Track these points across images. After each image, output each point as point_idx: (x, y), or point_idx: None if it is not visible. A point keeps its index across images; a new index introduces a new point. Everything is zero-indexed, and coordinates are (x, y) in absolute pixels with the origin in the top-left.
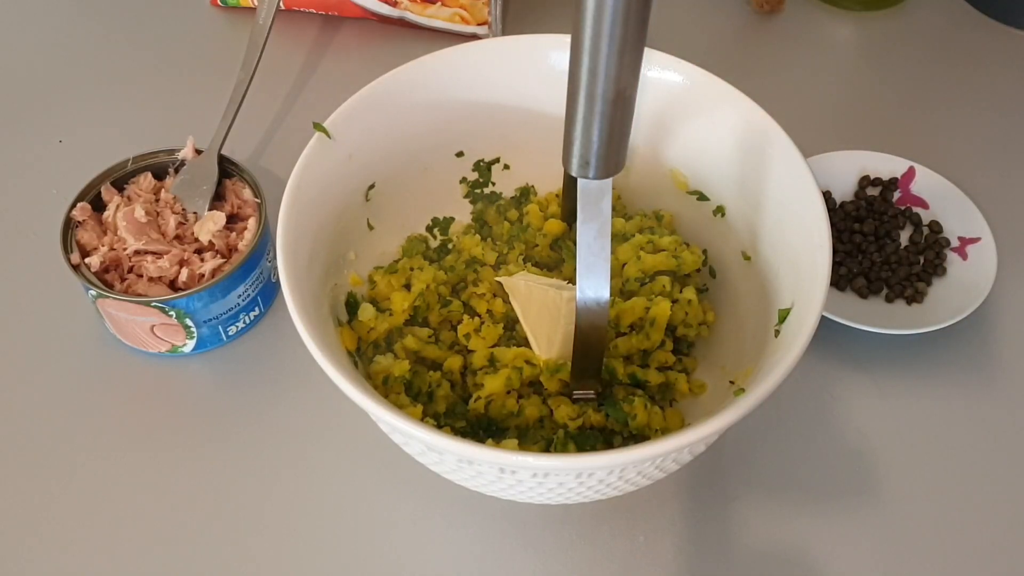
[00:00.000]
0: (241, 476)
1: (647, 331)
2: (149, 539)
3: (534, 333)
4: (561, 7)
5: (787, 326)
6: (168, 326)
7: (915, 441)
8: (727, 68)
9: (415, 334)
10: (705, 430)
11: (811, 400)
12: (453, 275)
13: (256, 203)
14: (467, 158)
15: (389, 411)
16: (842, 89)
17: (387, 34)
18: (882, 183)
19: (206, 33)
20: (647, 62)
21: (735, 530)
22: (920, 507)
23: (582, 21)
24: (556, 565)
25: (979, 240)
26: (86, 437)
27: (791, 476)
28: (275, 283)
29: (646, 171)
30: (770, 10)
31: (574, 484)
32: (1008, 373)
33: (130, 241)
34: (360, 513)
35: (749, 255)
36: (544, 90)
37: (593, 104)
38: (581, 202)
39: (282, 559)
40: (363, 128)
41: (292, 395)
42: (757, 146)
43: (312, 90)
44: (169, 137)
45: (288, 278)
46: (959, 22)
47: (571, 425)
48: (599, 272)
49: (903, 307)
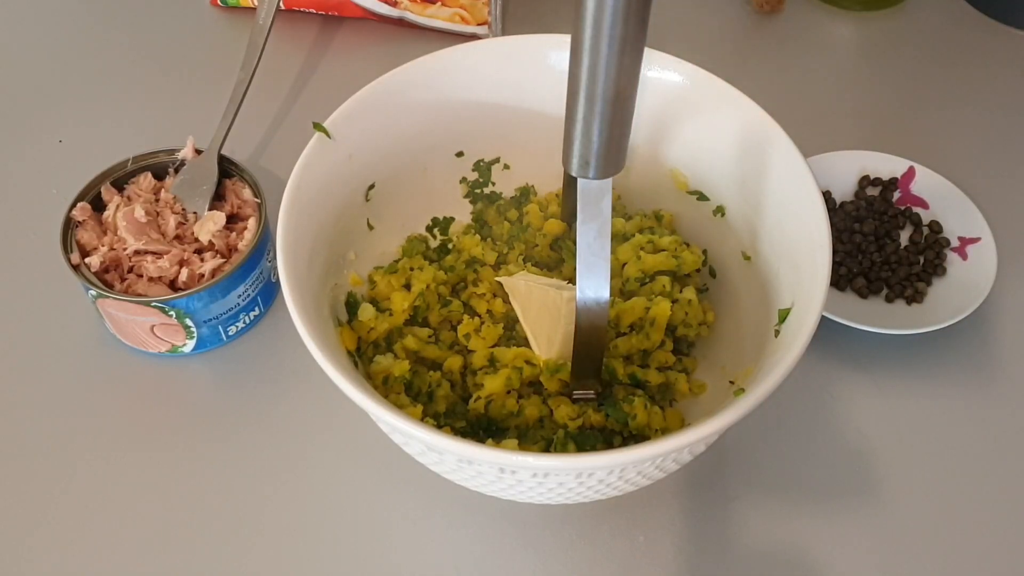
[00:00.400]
0: (241, 476)
1: (647, 331)
2: (149, 539)
3: (534, 333)
4: (561, 7)
5: (787, 326)
6: (168, 326)
7: (915, 441)
8: (727, 68)
9: (415, 334)
10: (705, 430)
11: (811, 400)
12: (453, 275)
13: (256, 203)
14: (467, 158)
15: (389, 411)
16: (842, 89)
17: (387, 34)
18: (882, 183)
19: (206, 33)
20: (647, 62)
21: (735, 530)
22: (920, 507)
23: (582, 21)
24: (556, 565)
25: (979, 240)
26: (86, 437)
27: (791, 476)
28: (275, 283)
29: (646, 171)
30: (770, 10)
31: (574, 484)
32: (1008, 373)
33: (130, 241)
34: (360, 513)
35: (749, 255)
36: (544, 90)
37: (593, 104)
38: (581, 202)
39: (282, 559)
40: (363, 128)
41: (292, 395)
42: (757, 146)
43: (312, 90)
44: (169, 137)
45: (288, 278)
46: (959, 22)
47: (571, 425)
48: (599, 272)
49: (903, 307)
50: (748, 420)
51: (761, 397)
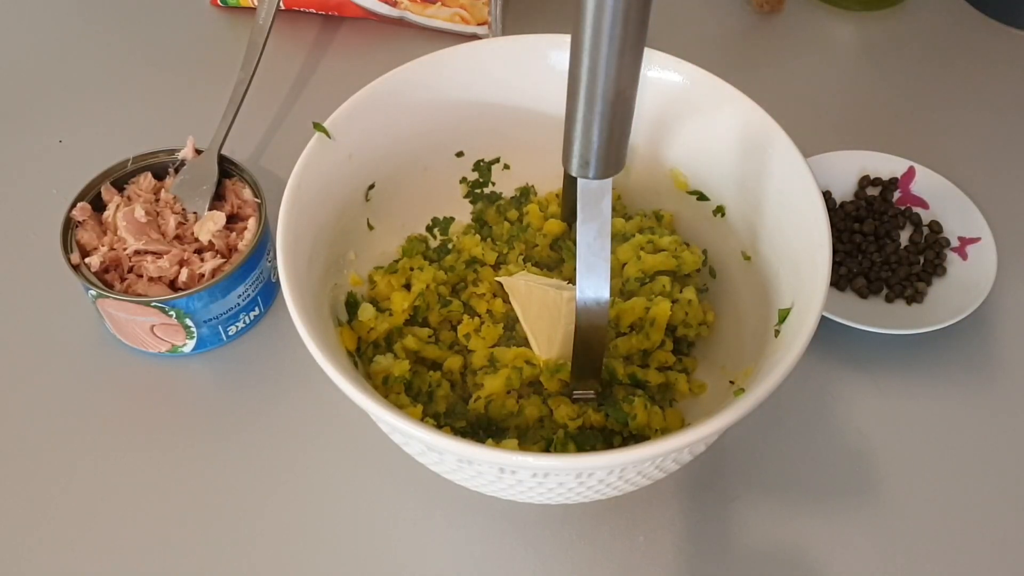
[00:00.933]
0: (241, 476)
1: (647, 331)
2: (149, 539)
3: (534, 333)
4: (561, 7)
5: (787, 326)
6: (168, 326)
7: (915, 441)
8: (727, 68)
9: (415, 334)
10: (705, 430)
11: (811, 400)
12: (453, 275)
13: (256, 203)
14: (467, 158)
15: (389, 411)
16: (842, 89)
17: (387, 34)
18: (882, 183)
19: (206, 33)
20: (647, 62)
21: (735, 530)
22: (920, 507)
23: (582, 21)
24: (556, 565)
25: (979, 240)
26: (86, 437)
27: (791, 476)
28: (275, 283)
29: (646, 171)
30: (770, 10)
31: (574, 484)
32: (1008, 373)
33: (130, 241)
34: (360, 513)
35: (749, 255)
36: (544, 90)
37: (593, 104)
38: (581, 202)
39: (282, 559)
40: (363, 128)
41: (292, 395)
42: (757, 146)
43: (312, 90)
44: (169, 137)
45: (288, 278)
46: (959, 22)
47: (571, 425)
48: (599, 272)
49: (903, 307)
50: (748, 420)
51: (761, 397)
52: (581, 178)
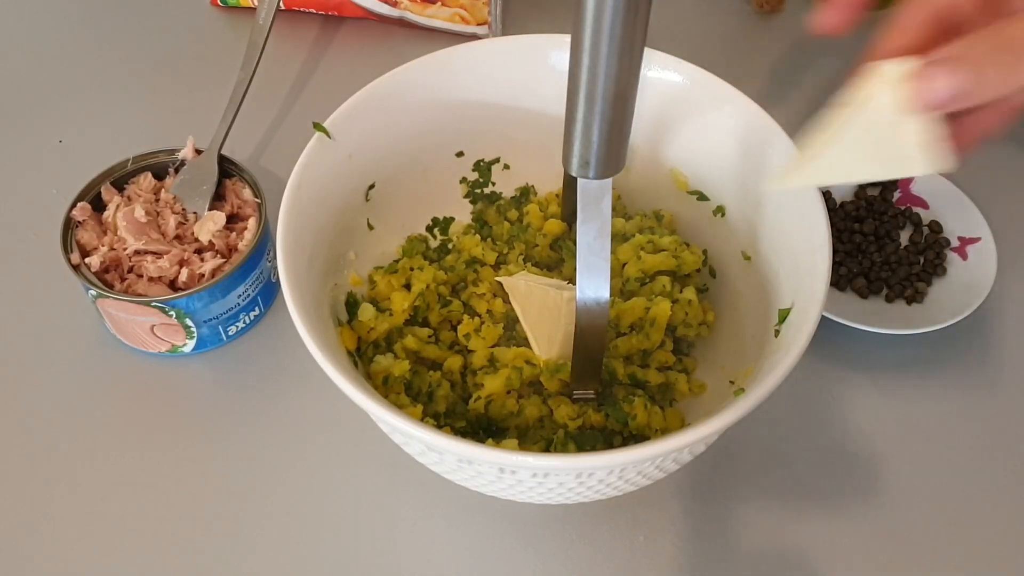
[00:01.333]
0: (241, 476)
1: (647, 331)
2: (149, 539)
3: (534, 333)
4: (561, 7)
5: (787, 326)
6: (168, 326)
7: (915, 441)
8: (727, 68)
9: (415, 334)
10: (705, 430)
11: (811, 400)
12: (453, 275)
13: (256, 203)
14: (467, 158)
15: (389, 411)
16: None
17: (387, 34)
18: (882, 183)
19: (206, 33)
20: (647, 62)
21: (735, 530)
22: (920, 507)
23: (582, 21)
24: (556, 565)
25: (979, 240)
26: (86, 437)
27: (791, 476)
28: (275, 283)
29: (646, 171)
30: (770, 10)
31: (574, 484)
32: (1008, 373)
33: (130, 241)
34: (360, 513)
35: (749, 255)
36: (544, 90)
37: (593, 104)
38: (581, 202)
39: (282, 559)
40: (363, 128)
41: (292, 395)
42: (757, 146)
43: (312, 90)
44: (169, 137)
45: (288, 278)
46: None
47: (571, 425)
48: (599, 272)
49: (903, 307)
50: (748, 420)
51: (761, 397)
52: (581, 178)
